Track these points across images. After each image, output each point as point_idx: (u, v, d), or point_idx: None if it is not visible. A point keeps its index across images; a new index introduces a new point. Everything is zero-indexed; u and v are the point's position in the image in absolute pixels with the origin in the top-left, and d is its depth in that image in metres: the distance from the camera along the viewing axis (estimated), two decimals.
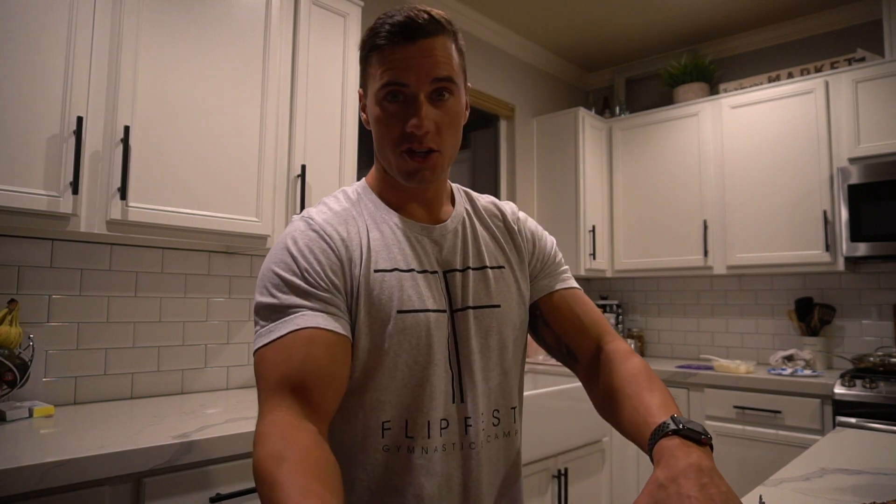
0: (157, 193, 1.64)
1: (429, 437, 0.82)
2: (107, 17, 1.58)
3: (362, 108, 0.90)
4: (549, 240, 1.02)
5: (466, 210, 0.96)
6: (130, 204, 1.59)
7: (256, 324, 0.79)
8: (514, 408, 0.92)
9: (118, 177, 1.57)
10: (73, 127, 1.49)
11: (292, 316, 0.76)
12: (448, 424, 0.83)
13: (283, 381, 0.72)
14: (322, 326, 0.75)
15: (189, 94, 1.73)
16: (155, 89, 1.66)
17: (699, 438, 0.68)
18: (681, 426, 0.69)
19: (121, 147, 1.57)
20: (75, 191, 1.48)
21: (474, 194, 1.01)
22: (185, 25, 1.73)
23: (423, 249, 0.88)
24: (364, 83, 0.88)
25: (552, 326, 0.96)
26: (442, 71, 0.81)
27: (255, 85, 1.88)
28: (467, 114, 0.90)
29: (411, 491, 0.81)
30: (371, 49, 0.83)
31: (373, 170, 0.94)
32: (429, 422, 0.82)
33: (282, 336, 0.74)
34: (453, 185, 0.99)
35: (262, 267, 0.82)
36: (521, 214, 1.02)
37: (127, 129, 1.57)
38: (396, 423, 0.82)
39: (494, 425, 0.88)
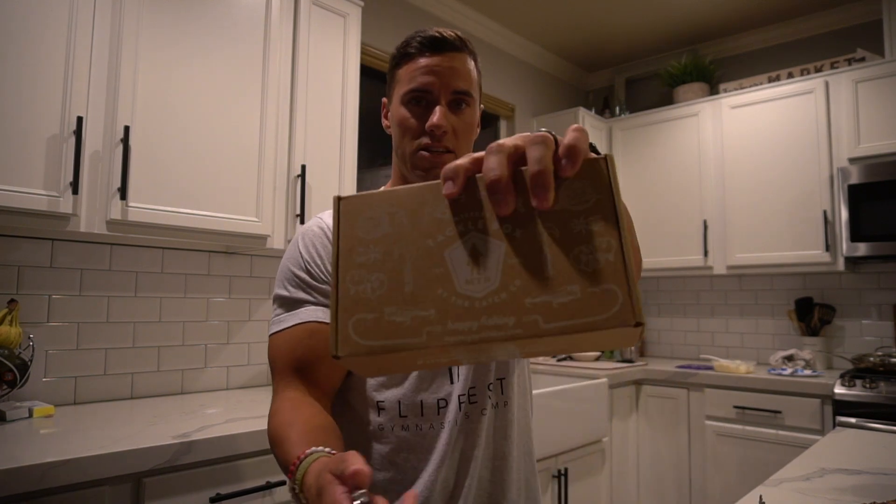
0: (157, 193, 1.64)
1: (421, 416, 0.87)
2: (107, 17, 1.58)
3: (384, 116, 0.98)
4: None
5: None
6: (130, 204, 1.59)
7: (273, 312, 0.90)
8: (501, 379, 0.93)
9: (118, 177, 1.57)
10: (73, 127, 1.49)
11: (298, 310, 0.86)
12: (446, 405, 0.88)
13: (290, 366, 0.83)
14: (321, 320, 0.85)
15: (189, 94, 1.73)
16: (155, 89, 1.66)
17: None
18: None
19: (121, 147, 1.57)
20: (75, 191, 1.48)
21: None
22: (186, 25, 1.73)
23: None
24: (389, 91, 0.96)
25: None
26: (462, 84, 0.90)
27: (255, 85, 1.88)
28: (478, 130, 0.97)
29: (410, 464, 0.86)
30: (401, 58, 0.91)
31: (390, 181, 1.02)
32: (421, 401, 0.87)
33: (289, 327, 0.85)
34: None
35: (281, 261, 0.93)
36: None
37: (127, 129, 1.57)
38: (390, 402, 0.88)
39: (489, 398, 0.90)
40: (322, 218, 0.94)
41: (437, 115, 0.87)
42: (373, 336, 0.42)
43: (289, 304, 0.87)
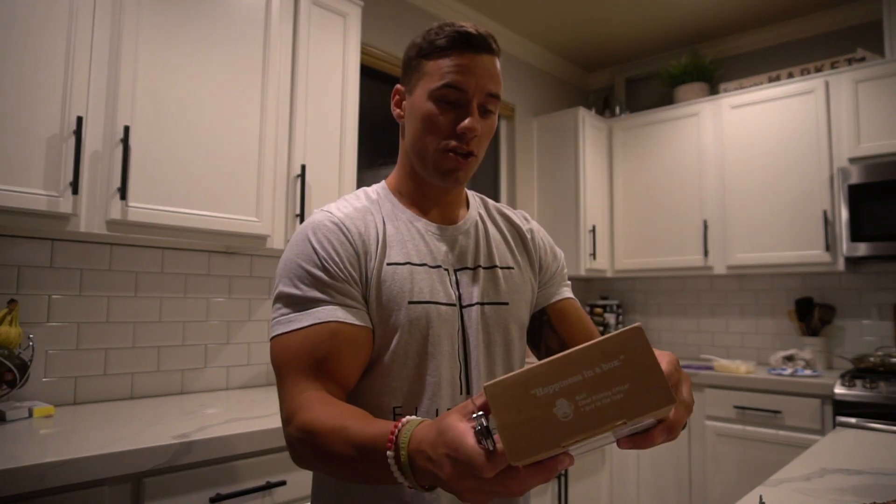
0: (157, 193, 1.64)
1: None
2: (107, 17, 1.57)
3: (396, 104, 0.95)
4: (561, 253, 1.08)
5: (480, 214, 1.01)
6: (130, 204, 1.59)
7: (276, 311, 0.84)
8: None
9: (118, 177, 1.57)
10: (73, 127, 1.49)
11: (314, 309, 0.81)
12: None
13: (309, 367, 0.79)
14: (342, 320, 0.81)
15: (189, 94, 1.73)
16: (155, 89, 1.65)
17: None
18: None
19: (121, 147, 1.57)
20: (75, 191, 1.48)
21: (489, 201, 1.06)
22: (185, 25, 1.73)
23: (436, 247, 0.92)
24: (410, 80, 0.91)
25: (559, 331, 0.99)
26: (495, 87, 0.88)
27: (255, 85, 1.88)
28: None
29: None
30: (431, 49, 0.88)
31: (394, 171, 0.98)
32: (437, 409, 0.86)
33: (305, 326, 0.80)
34: (468, 191, 1.04)
35: (284, 257, 0.87)
36: (535, 224, 1.07)
37: (127, 129, 1.57)
38: (406, 409, 0.86)
39: None
40: (331, 212, 0.89)
41: (469, 120, 0.85)
42: None
43: (300, 302, 0.82)
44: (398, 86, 0.95)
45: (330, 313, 0.81)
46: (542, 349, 1.01)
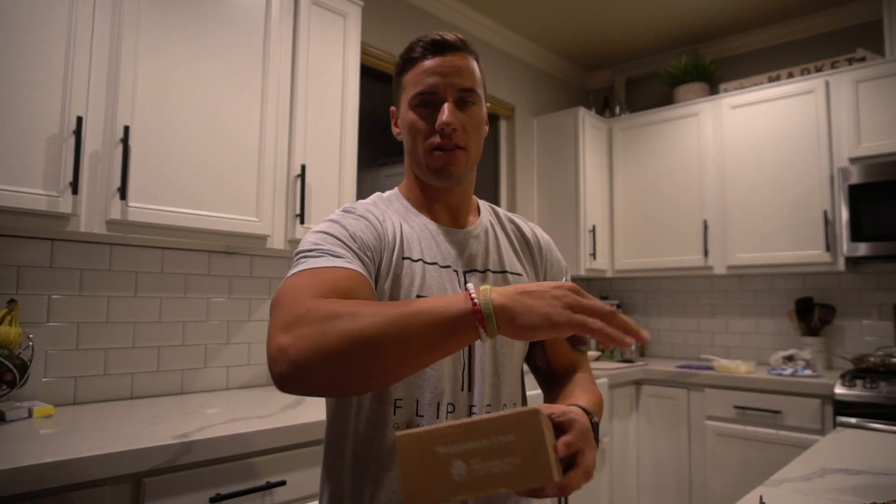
0: (156, 193, 1.64)
1: (437, 418, 0.87)
2: (107, 17, 1.57)
3: (394, 124, 0.99)
4: (569, 273, 1.11)
5: (490, 221, 1.04)
6: (130, 204, 1.59)
7: (293, 265, 0.80)
8: (515, 405, 0.97)
9: (118, 177, 1.57)
10: (73, 127, 1.49)
11: (330, 256, 0.79)
12: (454, 409, 0.88)
13: (319, 293, 0.71)
14: (358, 269, 0.79)
15: (189, 94, 1.73)
16: (155, 89, 1.65)
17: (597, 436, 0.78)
18: (592, 418, 0.78)
19: (121, 147, 1.57)
20: (75, 191, 1.48)
21: (500, 210, 1.09)
22: (186, 25, 1.73)
23: (446, 248, 0.95)
24: (397, 98, 0.97)
25: (548, 353, 1.02)
26: (467, 82, 0.91)
27: (255, 85, 1.88)
28: (486, 128, 0.98)
29: None
30: (405, 64, 0.93)
31: (403, 181, 1.02)
32: (438, 403, 0.88)
33: (319, 267, 0.77)
34: (480, 200, 1.07)
35: (305, 238, 0.85)
36: (546, 237, 1.09)
37: (127, 129, 1.57)
38: (408, 401, 0.87)
39: None
40: (354, 207, 0.92)
41: (445, 114, 0.88)
42: None
43: (319, 252, 0.80)
44: (392, 108, 1.00)
45: (347, 263, 0.78)
46: (531, 365, 1.05)
